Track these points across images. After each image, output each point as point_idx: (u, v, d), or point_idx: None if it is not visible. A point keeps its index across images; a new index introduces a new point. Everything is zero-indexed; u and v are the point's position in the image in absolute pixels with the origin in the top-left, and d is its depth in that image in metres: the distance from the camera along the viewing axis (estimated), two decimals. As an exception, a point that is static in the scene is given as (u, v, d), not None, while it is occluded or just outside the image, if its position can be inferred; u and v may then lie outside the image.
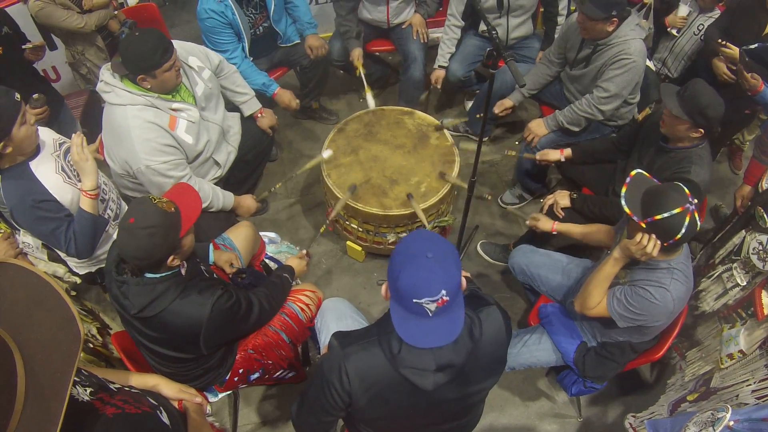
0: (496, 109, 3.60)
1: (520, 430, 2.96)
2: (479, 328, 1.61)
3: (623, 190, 2.10)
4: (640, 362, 2.55)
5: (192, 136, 2.76)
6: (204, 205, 2.88)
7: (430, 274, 1.43)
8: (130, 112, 2.56)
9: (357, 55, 3.87)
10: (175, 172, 2.69)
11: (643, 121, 2.90)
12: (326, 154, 3.22)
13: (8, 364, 1.03)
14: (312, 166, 3.28)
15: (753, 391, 2.17)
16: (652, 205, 2.00)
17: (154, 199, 1.88)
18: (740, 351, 2.36)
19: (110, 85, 2.59)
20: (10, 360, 1.04)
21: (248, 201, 3.20)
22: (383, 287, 1.61)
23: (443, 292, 1.42)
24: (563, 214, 2.92)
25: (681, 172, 2.52)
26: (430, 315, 1.46)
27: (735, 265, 2.64)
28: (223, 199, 3.01)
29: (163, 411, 1.55)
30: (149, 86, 2.58)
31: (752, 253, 2.52)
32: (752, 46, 2.87)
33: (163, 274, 1.94)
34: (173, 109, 2.68)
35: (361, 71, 3.84)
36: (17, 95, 2.19)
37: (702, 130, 2.47)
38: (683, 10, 3.51)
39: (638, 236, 2.05)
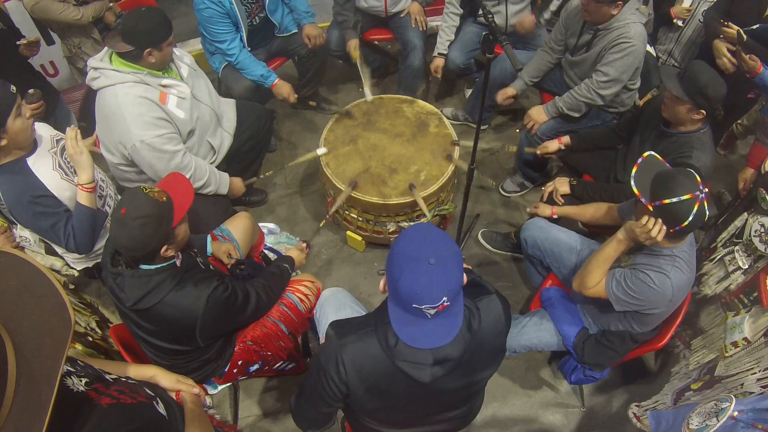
0: (499, 98, 3.57)
1: (523, 419, 2.94)
2: (478, 320, 1.59)
3: (634, 170, 2.08)
4: (643, 350, 2.53)
5: (184, 111, 2.76)
6: (201, 183, 2.88)
7: (431, 281, 1.39)
8: (120, 90, 2.58)
9: (353, 45, 3.83)
10: (169, 146, 2.68)
11: (644, 107, 2.88)
12: (321, 151, 3.21)
13: (0, 352, 1.02)
14: (305, 160, 3.30)
15: (758, 380, 2.15)
16: (662, 188, 1.98)
17: (146, 189, 1.86)
18: (745, 339, 2.34)
19: (99, 69, 2.60)
20: (1, 348, 1.03)
21: (237, 183, 3.20)
22: (381, 282, 1.59)
23: (444, 298, 1.40)
24: (563, 201, 2.90)
25: (682, 157, 2.49)
26: (429, 317, 1.44)
27: (737, 248, 2.62)
28: (219, 178, 3.02)
29: (159, 401, 1.53)
30: (154, 60, 2.63)
31: (754, 236, 2.50)
32: (753, 27, 2.83)
33: (159, 266, 1.93)
34: (163, 86, 2.69)
35: (359, 62, 3.81)
36: (13, 87, 2.18)
37: (704, 111, 2.44)
38: (687, 0, 3.46)
39: (644, 219, 2.02)
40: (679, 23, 3.53)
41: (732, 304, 2.57)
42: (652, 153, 2.18)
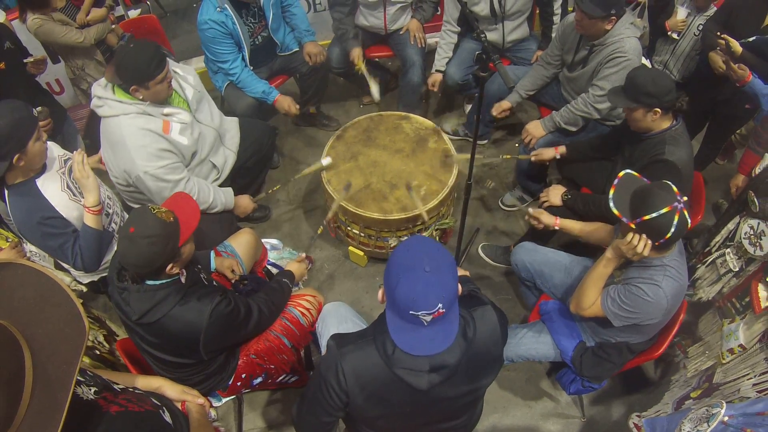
0: (494, 111, 3.61)
1: (524, 430, 2.96)
2: (473, 328, 1.64)
3: (611, 191, 2.11)
4: (641, 360, 2.55)
5: (186, 137, 2.80)
6: (207, 205, 2.92)
7: (427, 288, 1.45)
8: (124, 122, 2.60)
9: (357, 54, 3.88)
10: (172, 176, 2.73)
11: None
12: (325, 161, 3.26)
13: (17, 357, 1.08)
14: (311, 172, 3.35)
15: (754, 385, 2.18)
16: (640, 205, 2.02)
17: (154, 209, 1.91)
18: (740, 345, 2.37)
19: (102, 98, 2.63)
20: (19, 353, 1.09)
21: (245, 201, 3.24)
22: (380, 292, 1.64)
23: (440, 305, 1.45)
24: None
25: (657, 155, 2.55)
26: (426, 324, 1.49)
27: (728, 250, 2.66)
28: (224, 197, 3.05)
29: (165, 411, 1.58)
30: (141, 97, 2.62)
31: (744, 238, 2.54)
32: (750, 39, 2.87)
33: (163, 281, 1.98)
34: (165, 114, 2.71)
35: (363, 68, 3.84)
36: (34, 110, 2.24)
37: (658, 109, 2.49)
38: (682, 13, 3.49)
39: (629, 236, 2.06)
40: (674, 36, 3.58)
41: (725, 309, 2.60)
42: (629, 171, 2.21)
